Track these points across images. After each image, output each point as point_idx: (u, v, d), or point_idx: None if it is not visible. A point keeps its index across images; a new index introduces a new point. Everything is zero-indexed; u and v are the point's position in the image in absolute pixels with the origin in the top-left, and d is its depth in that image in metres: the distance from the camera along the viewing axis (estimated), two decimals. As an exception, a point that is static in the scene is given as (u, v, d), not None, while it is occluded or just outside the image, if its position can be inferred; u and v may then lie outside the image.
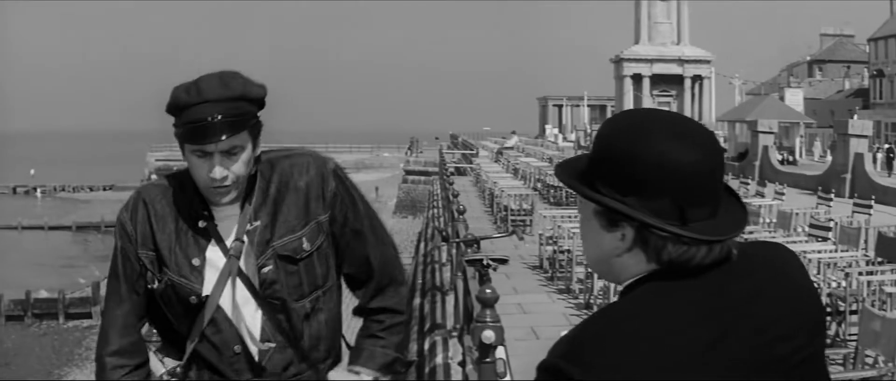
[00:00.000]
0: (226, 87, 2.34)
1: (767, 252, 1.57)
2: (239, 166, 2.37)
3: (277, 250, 2.45)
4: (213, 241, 2.45)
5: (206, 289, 2.43)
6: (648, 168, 1.41)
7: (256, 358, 2.47)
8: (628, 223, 1.44)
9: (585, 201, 1.49)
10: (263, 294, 2.45)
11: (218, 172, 2.35)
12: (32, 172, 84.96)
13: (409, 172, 47.17)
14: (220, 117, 2.30)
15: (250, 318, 2.46)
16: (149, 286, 2.47)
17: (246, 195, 2.47)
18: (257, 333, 2.46)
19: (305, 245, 2.48)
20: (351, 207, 2.54)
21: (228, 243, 2.45)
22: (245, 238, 2.45)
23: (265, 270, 2.45)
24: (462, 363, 5.72)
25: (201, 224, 2.45)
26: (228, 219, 2.47)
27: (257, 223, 2.46)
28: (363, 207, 2.57)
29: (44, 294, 29.78)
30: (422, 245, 17.76)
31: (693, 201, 1.42)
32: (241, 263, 2.44)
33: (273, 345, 2.46)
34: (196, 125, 2.31)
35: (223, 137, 2.31)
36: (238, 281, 2.45)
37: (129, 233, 2.48)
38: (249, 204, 2.47)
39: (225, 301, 2.44)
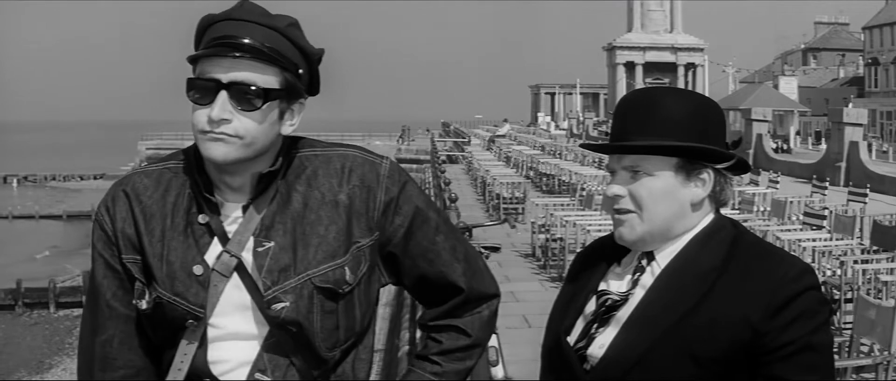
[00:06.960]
0: (268, 15, 1.83)
1: None
2: (248, 117, 1.80)
3: (315, 281, 1.85)
4: (217, 242, 1.87)
5: (209, 305, 1.85)
6: (723, 124, 1.86)
7: None
8: (709, 170, 1.81)
9: (660, 163, 1.78)
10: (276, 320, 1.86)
11: (217, 110, 1.77)
12: None
13: (400, 161, 47.24)
14: (245, 41, 1.79)
15: (242, 342, 1.87)
16: (136, 304, 1.88)
17: (255, 196, 1.89)
18: (244, 359, 1.87)
19: (348, 276, 1.88)
20: (415, 219, 1.95)
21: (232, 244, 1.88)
22: (241, 255, 1.86)
23: (279, 306, 1.83)
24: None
25: (202, 219, 1.87)
26: (236, 221, 1.89)
27: (271, 245, 1.85)
28: (435, 218, 1.98)
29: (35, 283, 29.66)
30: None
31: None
32: (251, 269, 1.86)
33: (267, 379, 1.86)
34: (211, 43, 1.81)
35: (236, 54, 1.78)
36: (242, 293, 1.86)
37: (108, 233, 1.90)
38: (257, 211, 1.88)
39: (218, 319, 1.87)
